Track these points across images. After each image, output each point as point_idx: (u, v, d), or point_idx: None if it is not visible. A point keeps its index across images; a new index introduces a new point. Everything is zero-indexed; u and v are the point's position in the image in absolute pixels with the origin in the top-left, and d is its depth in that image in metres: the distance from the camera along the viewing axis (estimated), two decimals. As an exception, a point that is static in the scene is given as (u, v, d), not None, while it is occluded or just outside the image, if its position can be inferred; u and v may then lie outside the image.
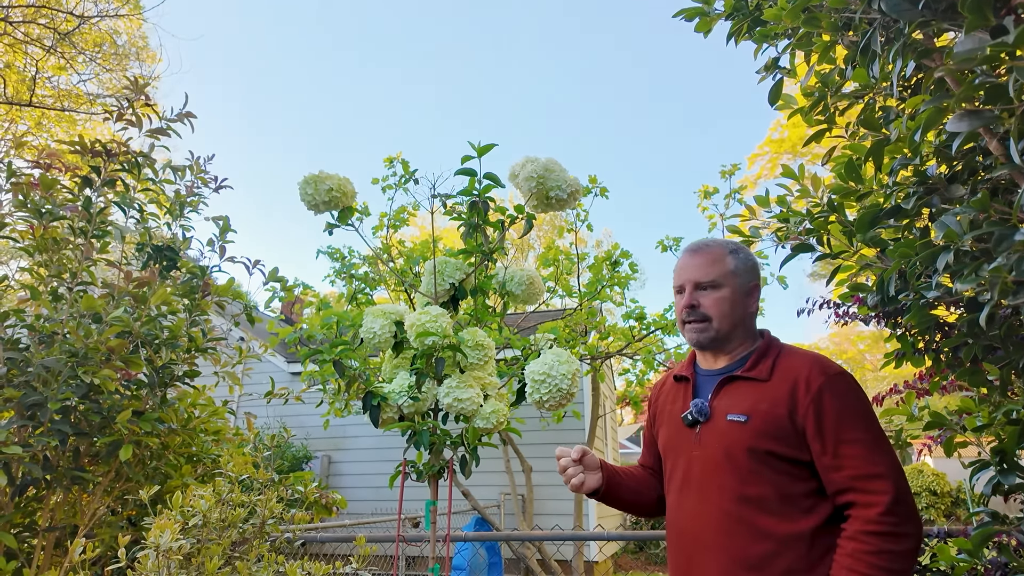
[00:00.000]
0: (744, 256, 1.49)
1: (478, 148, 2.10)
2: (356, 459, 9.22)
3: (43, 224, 2.44)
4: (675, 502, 1.46)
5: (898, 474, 1.23)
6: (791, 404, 1.31)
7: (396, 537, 2.16)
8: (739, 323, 1.45)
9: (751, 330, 1.48)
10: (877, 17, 1.30)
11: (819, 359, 1.37)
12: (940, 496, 13.97)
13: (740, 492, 1.31)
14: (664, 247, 6.51)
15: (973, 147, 1.52)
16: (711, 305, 1.43)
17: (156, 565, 1.59)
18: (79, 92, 10.00)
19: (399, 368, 2.19)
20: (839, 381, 1.31)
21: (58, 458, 2.27)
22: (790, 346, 1.45)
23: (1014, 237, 1.06)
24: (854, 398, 1.30)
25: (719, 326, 1.43)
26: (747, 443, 1.32)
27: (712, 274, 1.44)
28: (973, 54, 0.96)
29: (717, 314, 1.43)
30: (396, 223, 6.25)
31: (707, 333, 1.44)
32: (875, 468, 1.22)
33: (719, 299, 1.43)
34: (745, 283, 1.46)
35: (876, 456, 1.24)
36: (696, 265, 1.47)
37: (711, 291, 1.44)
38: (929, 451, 2.94)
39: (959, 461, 2.06)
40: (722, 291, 1.44)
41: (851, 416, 1.27)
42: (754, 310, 1.48)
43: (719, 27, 2.08)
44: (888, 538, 1.18)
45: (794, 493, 1.29)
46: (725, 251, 1.48)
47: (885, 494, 1.20)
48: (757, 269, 1.51)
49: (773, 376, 1.36)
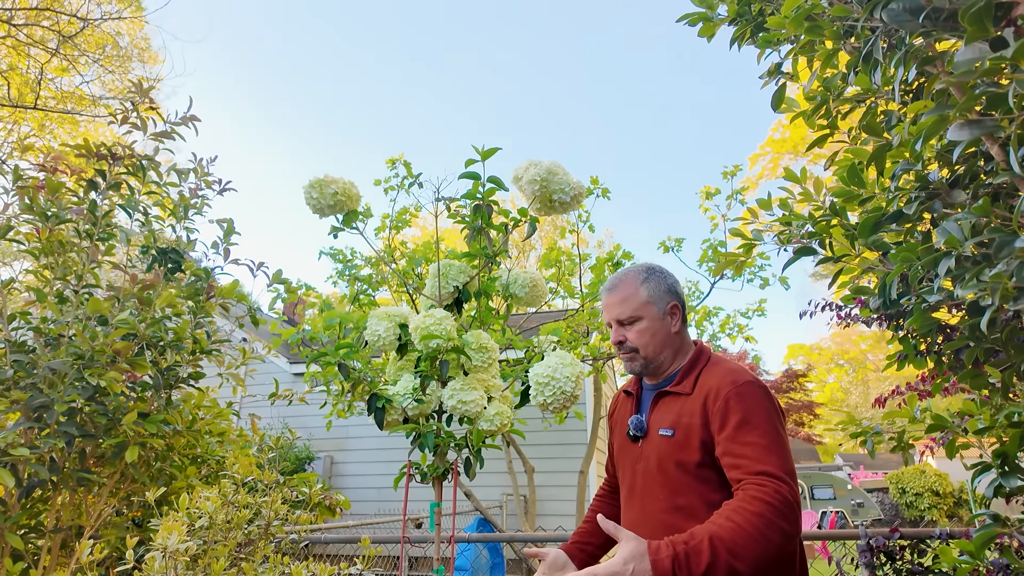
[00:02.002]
0: (656, 280, 1.56)
1: (482, 152, 2.11)
2: (359, 460, 9.24)
3: (48, 227, 2.45)
4: (624, 511, 1.57)
5: (789, 478, 1.24)
6: (704, 414, 1.39)
7: (400, 538, 2.17)
8: (665, 344, 1.54)
9: (681, 346, 1.57)
10: (879, 25, 1.31)
11: (734, 371, 1.43)
12: (943, 497, 13.96)
13: (672, 502, 1.40)
14: (666, 248, 6.52)
15: (975, 152, 1.53)
16: (635, 338, 1.53)
17: (163, 566, 1.60)
18: (82, 94, 10.03)
19: (403, 370, 2.20)
20: (745, 388, 1.36)
21: (64, 460, 2.28)
22: (717, 358, 1.52)
23: (1015, 244, 1.07)
24: (756, 405, 1.34)
25: (646, 354, 1.53)
26: (675, 456, 1.41)
27: (628, 310, 1.54)
28: (972, 65, 0.97)
29: (641, 344, 1.53)
30: (399, 224, 6.26)
31: (636, 362, 1.55)
32: (766, 467, 1.25)
33: (640, 331, 1.53)
34: (662, 307, 1.54)
35: (770, 457, 1.26)
36: (614, 304, 1.57)
37: (632, 325, 1.54)
38: (931, 452, 2.95)
39: (961, 462, 2.07)
40: (641, 323, 1.53)
41: (750, 420, 1.32)
42: (678, 329, 1.56)
43: (722, 32, 2.08)
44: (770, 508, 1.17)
45: (717, 499, 1.34)
46: (637, 283, 1.56)
47: (772, 485, 1.22)
48: (674, 288, 1.58)
49: (695, 390, 1.45)
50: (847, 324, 2.89)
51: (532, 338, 2.55)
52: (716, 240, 6.30)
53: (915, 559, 2.48)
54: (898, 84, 1.37)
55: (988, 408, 1.95)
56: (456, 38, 43.71)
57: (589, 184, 6.31)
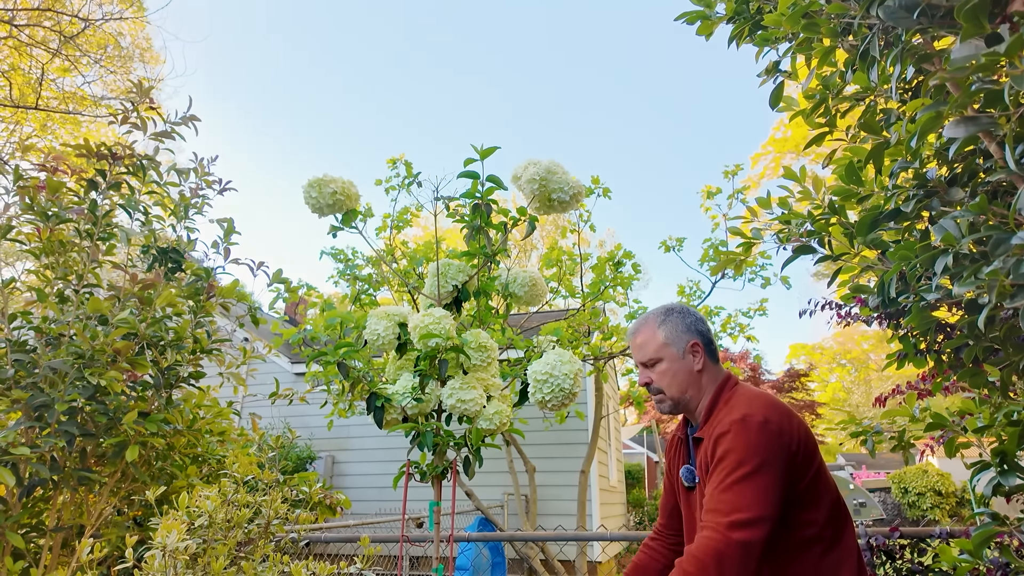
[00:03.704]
0: (674, 320, 1.57)
1: (481, 151, 2.11)
2: (360, 459, 9.24)
3: (49, 227, 2.46)
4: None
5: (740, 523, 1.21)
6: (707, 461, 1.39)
7: (400, 537, 2.18)
8: (689, 384, 1.54)
9: (708, 384, 1.54)
10: (876, 22, 1.31)
11: (738, 406, 1.39)
12: (945, 496, 13.94)
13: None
14: (667, 248, 6.52)
15: (973, 149, 1.53)
16: (659, 379, 1.56)
17: (163, 565, 1.61)
18: (83, 94, 10.05)
19: (403, 369, 2.20)
20: (737, 425, 1.34)
21: (65, 459, 2.29)
22: (736, 392, 1.48)
23: (1011, 241, 1.07)
24: (741, 440, 1.31)
25: (671, 395, 1.55)
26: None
27: (648, 353, 1.57)
28: (968, 62, 0.97)
29: (666, 385, 1.55)
30: (399, 224, 6.26)
31: (665, 404, 1.57)
32: (714, 515, 1.25)
33: (662, 372, 1.55)
34: (680, 347, 1.55)
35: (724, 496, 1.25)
36: (636, 348, 1.61)
37: (654, 367, 1.57)
38: (932, 451, 2.94)
39: (961, 461, 2.06)
40: (662, 364, 1.55)
41: (725, 457, 1.31)
42: (702, 367, 1.55)
43: (720, 30, 2.08)
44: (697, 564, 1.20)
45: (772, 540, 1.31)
46: (655, 326, 1.58)
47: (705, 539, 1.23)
48: (694, 326, 1.57)
49: (710, 434, 1.43)
50: (847, 323, 2.89)
51: (532, 337, 2.55)
52: (717, 239, 6.30)
53: (915, 558, 2.48)
54: (895, 82, 1.37)
55: (987, 407, 1.95)
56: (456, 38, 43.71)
57: (590, 183, 6.31)
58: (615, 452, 11.90)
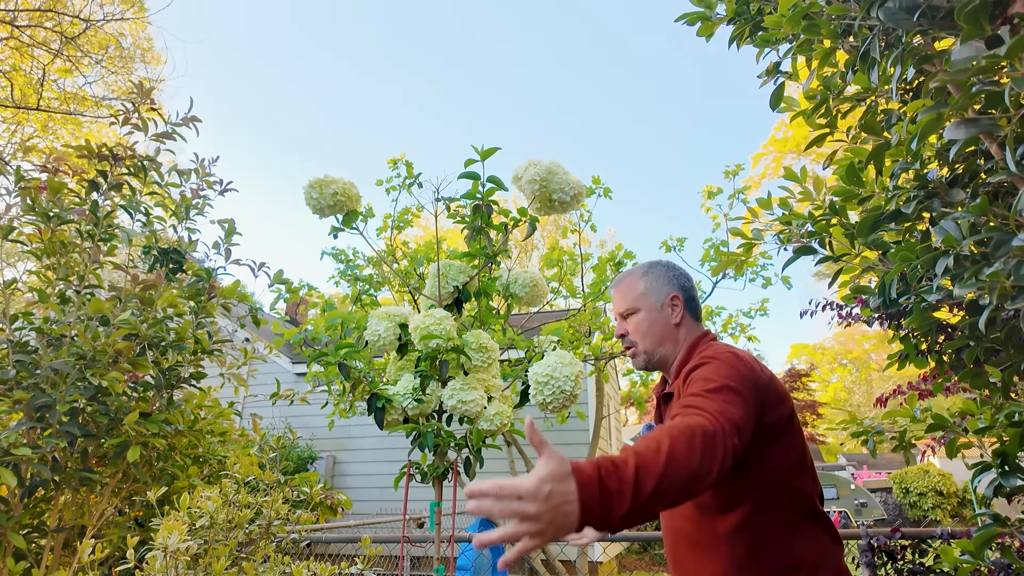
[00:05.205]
0: (657, 272, 1.53)
1: (481, 152, 2.12)
2: (361, 460, 9.25)
3: (51, 227, 2.46)
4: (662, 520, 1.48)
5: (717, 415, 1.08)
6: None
7: (401, 538, 2.18)
8: (664, 337, 1.47)
9: (685, 339, 1.48)
10: (877, 24, 1.31)
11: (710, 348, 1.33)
12: (946, 496, 13.93)
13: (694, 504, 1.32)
14: (668, 248, 6.52)
15: (974, 150, 1.53)
16: (633, 330, 1.50)
17: (164, 566, 1.61)
18: (85, 95, 10.06)
19: (403, 370, 2.20)
20: (707, 358, 1.27)
21: (66, 459, 2.29)
22: (712, 345, 1.39)
23: (1012, 242, 1.07)
24: (711, 368, 1.23)
25: (644, 347, 1.48)
26: None
27: (627, 302, 1.52)
28: (968, 63, 0.97)
29: (639, 336, 1.49)
30: (400, 224, 6.27)
31: (638, 357, 1.50)
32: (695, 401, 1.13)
33: (637, 322, 1.50)
34: (660, 298, 1.49)
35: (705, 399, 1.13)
36: (616, 297, 1.56)
37: (631, 317, 1.52)
38: (933, 452, 2.94)
39: (963, 462, 2.06)
40: (639, 315, 1.50)
41: (696, 381, 1.22)
42: (679, 320, 1.48)
43: (721, 31, 2.08)
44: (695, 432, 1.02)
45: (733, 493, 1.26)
46: (637, 276, 1.54)
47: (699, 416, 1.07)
48: (676, 280, 1.52)
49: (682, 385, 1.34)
50: (848, 324, 2.89)
51: (533, 338, 2.55)
52: (718, 240, 6.30)
53: (916, 559, 2.47)
54: (896, 83, 1.37)
55: (988, 407, 1.95)
56: (456, 40, 43.73)
57: (591, 184, 6.31)
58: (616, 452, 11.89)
